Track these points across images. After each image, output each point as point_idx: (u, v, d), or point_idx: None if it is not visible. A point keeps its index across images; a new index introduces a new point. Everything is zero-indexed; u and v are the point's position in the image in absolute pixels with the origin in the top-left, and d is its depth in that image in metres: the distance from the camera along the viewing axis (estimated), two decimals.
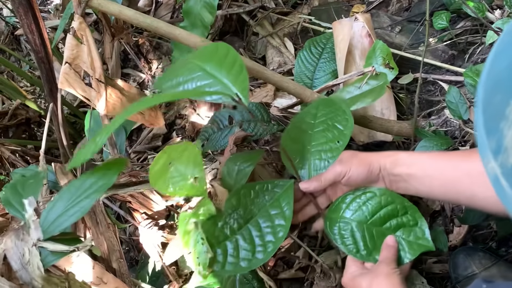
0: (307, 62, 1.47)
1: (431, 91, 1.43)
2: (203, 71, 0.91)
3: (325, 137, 1.01)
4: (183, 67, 0.95)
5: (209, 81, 0.89)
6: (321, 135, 1.02)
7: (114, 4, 1.16)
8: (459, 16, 1.49)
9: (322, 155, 1.00)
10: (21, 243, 0.84)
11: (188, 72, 0.92)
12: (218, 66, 0.89)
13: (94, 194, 0.86)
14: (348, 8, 1.75)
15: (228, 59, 0.90)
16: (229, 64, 0.89)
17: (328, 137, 1.01)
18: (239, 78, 0.86)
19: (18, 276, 0.82)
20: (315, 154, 1.01)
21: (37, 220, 0.85)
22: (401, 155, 0.88)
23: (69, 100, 2.20)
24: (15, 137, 2.06)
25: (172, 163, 1.04)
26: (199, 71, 0.91)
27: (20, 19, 1.26)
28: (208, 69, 0.90)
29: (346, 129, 0.99)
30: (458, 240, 1.18)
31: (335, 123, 1.01)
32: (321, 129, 1.03)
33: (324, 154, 1.00)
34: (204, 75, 0.90)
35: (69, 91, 1.17)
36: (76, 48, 1.18)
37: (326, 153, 1.00)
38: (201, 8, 1.52)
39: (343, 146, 0.97)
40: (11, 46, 2.68)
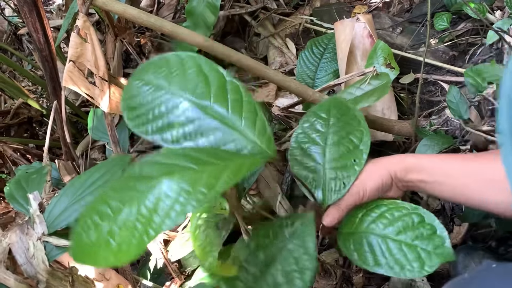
0: (309, 62, 1.48)
1: (432, 91, 1.44)
2: (206, 113, 0.75)
3: (338, 152, 0.92)
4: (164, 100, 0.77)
5: (222, 128, 0.75)
6: (335, 149, 0.92)
7: (118, 3, 1.17)
8: (460, 17, 1.50)
9: (338, 173, 0.90)
10: (25, 238, 0.84)
11: (179, 110, 0.75)
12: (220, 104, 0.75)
13: (98, 190, 0.87)
14: (349, 9, 1.77)
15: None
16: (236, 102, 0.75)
17: (342, 152, 0.91)
18: (265, 133, 0.74)
19: (23, 270, 0.83)
20: (329, 172, 0.91)
21: (41, 214, 0.86)
22: (409, 161, 0.86)
23: (71, 100, 2.21)
24: (17, 136, 2.07)
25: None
26: (200, 112, 0.75)
27: (25, 18, 1.27)
28: (212, 110, 0.75)
29: (362, 143, 0.90)
30: (458, 239, 1.18)
31: (350, 135, 0.91)
32: (335, 141, 0.93)
33: (340, 172, 0.90)
34: (210, 119, 0.75)
35: (73, 89, 1.18)
36: (80, 47, 1.19)
37: (341, 171, 0.90)
38: (204, 8, 1.54)
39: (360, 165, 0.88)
40: (13, 46, 2.69)
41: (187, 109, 0.75)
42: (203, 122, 0.75)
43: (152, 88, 0.78)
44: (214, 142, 0.74)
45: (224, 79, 0.76)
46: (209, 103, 0.75)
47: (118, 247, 0.51)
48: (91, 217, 0.54)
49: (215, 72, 0.76)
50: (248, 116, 0.75)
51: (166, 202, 0.54)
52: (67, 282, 0.86)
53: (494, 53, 1.36)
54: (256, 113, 0.75)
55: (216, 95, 0.75)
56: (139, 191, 0.56)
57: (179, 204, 0.54)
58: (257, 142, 0.74)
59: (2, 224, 0.93)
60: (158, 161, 0.62)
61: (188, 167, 0.60)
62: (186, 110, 0.75)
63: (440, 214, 1.27)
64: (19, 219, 0.93)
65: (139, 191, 0.56)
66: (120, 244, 0.52)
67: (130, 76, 0.81)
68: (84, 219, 0.54)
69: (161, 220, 0.53)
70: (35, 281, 0.83)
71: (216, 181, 0.57)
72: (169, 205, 0.54)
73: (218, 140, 0.74)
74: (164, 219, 0.53)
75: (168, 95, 0.77)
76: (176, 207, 0.54)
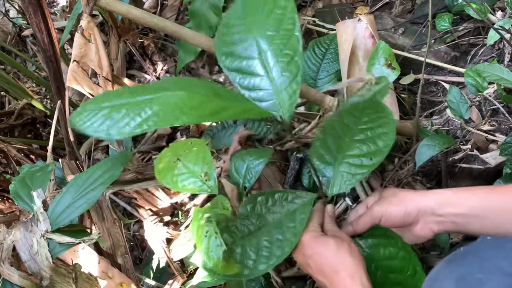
0: (311, 63, 1.49)
1: (433, 91, 1.45)
2: (259, 56, 0.94)
3: (359, 149, 0.92)
4: (240, 30, 0.96)
5: (263, 76, 0.92)
6: (357, 146, 0.93)
7: (122, 4, 1.18)
8: (461, 18, 1.50)
9: (351, 169, 0.92)
10: (29, 235, 0.85)
11: (245, 44, 0.95)
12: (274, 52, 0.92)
13: (100, 186, 0.88)
14: (352, 10, 1.77)
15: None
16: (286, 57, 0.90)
17: (363, 151, 0.92)
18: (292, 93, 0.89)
19: (27, 267, 0.84)
20: (344, 166, 0.94)
21: (45, 212, 0.87)
22: (446, 195, 0.82)
23: (75, 101, 2.23)
24: (21, 137, 2.08)
25: (179, 159, 1.06)
26: (256, 53, 0.94)
27: (29, 18, 1.28)
28: (265, 55, 0.93)
29: (385, 146, 0.89)
30: (460, 238, 1.19)
31: (376, 137, 0.91)
32: (360, 138, 0.93)
33: (354, 168, 0.92)
34: (259, 62, 0.93)
35: (77, 88, 1.19)
36: (84, 47, 1.20)
37: (355, 168, 0.92)
38: (207, 9, 1.55)
39: (375, 165, 0.89)
40: (17, 47, 2.71)
41: (250, 46, 0.91)
42: (255, 63, 0.91)
43: (241, 15, 0.95)
44: (253, 83, 0.91)
45: (292, 30, 0.89)
46: (267, 48, 0.90)
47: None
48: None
49: (291, 22, 0.90)
50: (288, 75, 0.88)
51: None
52: (70, 279, 0.87)
53: (495, 53, 1.37)
54: (296, 75, 0.87)
55: (277, 43, 0.89)
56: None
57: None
58: (282, 101, 0.88)
59: (6, 222, 0.94)
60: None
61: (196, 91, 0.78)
62: (248, 47, 0.91)
63: None
64: (23, 217, 0.94)
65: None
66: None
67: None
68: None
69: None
70: (39, 277, 0.83)
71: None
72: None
73: (256, 84, 0.90)
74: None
75: (244, 27, 0.93)
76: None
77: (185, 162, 1.07)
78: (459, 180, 1.24)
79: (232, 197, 1.11)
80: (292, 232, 0.87)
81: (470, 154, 1.18)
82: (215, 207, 0.97)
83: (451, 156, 1.23)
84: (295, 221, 0.88)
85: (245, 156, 1.12)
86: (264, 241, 0.87)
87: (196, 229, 0.88)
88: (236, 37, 0.92)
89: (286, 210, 0.91)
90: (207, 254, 0.84)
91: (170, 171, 1.07)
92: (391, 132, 0.89)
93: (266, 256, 0.85)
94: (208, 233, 0.86)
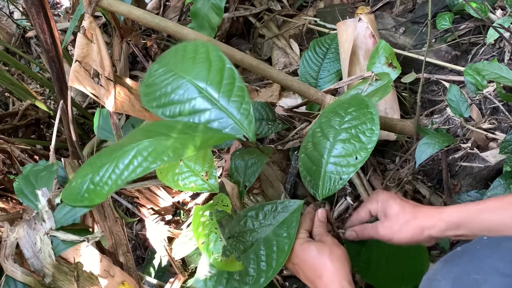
0: (312, 62, 1.50)
1: (434, 90, 1.45)
2: (200, 93, 0.89)
3: (345, 149, 0.93)
4: (171, 81, 0.92)
5: (211, 109, 0.88)
6: (342, 146, 0.94)
7: (123, 4, 1.19)
8: (462, 17, 1.50)
9: (338, 169, 0.93)
10: (33, 232, 0.86)
11: (180, 90, 0.90)
12: (216, 87, 0.89)
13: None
14: (353, 10, 1.78)
15: (224, 75, 0.89)
16: (228, 86, 0.88)
17: (348, 150, 0.92)
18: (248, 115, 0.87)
19: (30, 264, 0.85)
20: (331, 166, 0.94)
21: (50, 210, 0.88)
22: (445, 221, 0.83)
23: (78, 102, 2.24)
24: (25, 137, 2.09)
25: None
26: (196, 92, 0.89)
27: (32, 19, 1.29)
28: (206, 91, 0.89)
29: (370, 142, 0.90)
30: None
31: (360, 133, 0.92)
32: (344, 138, 0.94)
33: (340, 168, 0.92)
34: (202, 99, 0.89)
35: (79, 88, 1.20)
36: (86, 47, 1.21)
37: (342, 167, 0.92)
38: (209, 9, 1.55)
39: (361, 162, 0.90)
40: (21, 49, 2.73)
41: (187, 89, 0.89)
42: (198, 101, 0.89)
43: (164, 71, 0.94)
44: (204, 120, 0.88)
45: (224, 65, 0.89)
46: (205, 85, 0.89)
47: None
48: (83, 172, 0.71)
49: (219, 59, 0.90)
50: (236, 99, 0.87)
51: (139, 159, 0.69)
52: (72, 276, 0.88)
53: (496, 52, 1.37)
54: (244, 97, 0.87)
55: (213, 79, 0.88)
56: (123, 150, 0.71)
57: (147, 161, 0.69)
58: (239, 122, 0.87)
59: (10, 220, 0.95)
60: (147, 128, 0.79)
61: (166, 133, 0.74)
62: (186, 91, 0.89)
63: None
64: (26, 215, 0.95)
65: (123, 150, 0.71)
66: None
67: (154, 59, 1.00)
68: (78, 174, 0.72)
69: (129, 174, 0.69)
70: (41, 274, 0.84)
71: (182, 147, 0.71)
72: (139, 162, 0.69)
73: (208, 118, 0.88)
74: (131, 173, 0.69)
75: (174, 77, 0.92)
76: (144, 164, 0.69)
77: (186, 161, 1.08)
78: (459, 179, 1.24)
79: (233, 196, 1.12)
80: (286, 242, 0.89)
81: (470, 153, 1.18)
82: (215, 204, 0.98)
83: (451, 154, 1.23)
84: (288, 231, 0.91)
85: (245, 155, 1.13)
86: (261, 256, 0.89)
87: (197, 226, 0.89)
88: (168, 89, 0.91)
89: (277, 221, 0.93)
90: (207, 249, 0.85)
91: (172, 170, 1.08)
92: (376, 127, 0.90)
93: (264, 270, 0.87)
94: (208, 229, 0.87)
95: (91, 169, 0.70)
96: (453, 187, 1.25)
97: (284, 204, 0.95)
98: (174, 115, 0.89)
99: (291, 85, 1.23)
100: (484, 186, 1.21)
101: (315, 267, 0.85)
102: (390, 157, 1.44)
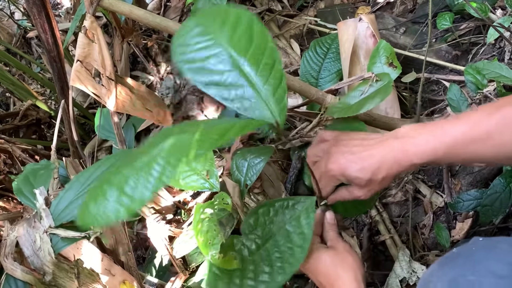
0: (312, 62, 1.50)
1: (434, 90, 1.45)
2: (236, 69, 0.81)
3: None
4: (206, 45, 0.83)
5: (245, 86, 0.80)
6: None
7: (124, 4, 1.19)
8: (462, 17, 1.51)
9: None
10: (32, 230, 0.87)
11: (216, 59, 0.81)
12: (253, 64, 0.81)
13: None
14: (353, 10, 1.78)
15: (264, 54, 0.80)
16: (267, 66, 0.80)
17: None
18: (281, 99, 0.80)
19: (30, 262, 0.85)
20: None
21: (47, 208, 0.88)
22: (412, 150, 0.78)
23: (79, 102, 2.24)
24: (26, 137, 2.10)
25: None
26: (232, 66, 0.81)
27: (34, 19, 1.30)
28: (243, 67, 0.81)
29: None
30: (461, 236, 1.19)
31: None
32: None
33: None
34: (238, 75, 0.81)
35: (80, 88, 1.20)
36: (88, 47, 1.21)
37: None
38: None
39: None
40: (22, 49, 2.73)
41: (223, 60, 0.81)
42: (232, 75, 0.81)
43: (201, 31, 0.84)
44: (237, 95, 0.81)
45: (266, 42, 0.81)
46: (244, 61, 0.81)
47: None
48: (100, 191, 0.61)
49: (262, 34, 0.81)
50: (272, 82, 0.80)
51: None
52: (73, 274, 0.88)
53: (496, 52, 1.37)
54: (281, 81, 0.80)
55: (252, 55, 0.81)
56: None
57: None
58: (271, 106, 0.80)
59: (10, 219, 0.95)
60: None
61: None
62: (222, 61, 0.81)
63: (443, 212, 1.28)
64: (26, 214, 0.96)
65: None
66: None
67: (189, 15, 0.88)
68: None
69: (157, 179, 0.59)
70: (42, 272, 0.85)
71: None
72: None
73: (241, 94, 0.81)
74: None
75: (211, 42, 0.82)
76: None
77: None
78: (460, 178, 1.24)
79: (234, 195, 1.12)
80: (301, 238, 0.86)
81: None
82: (216, 203, 0.99)
83: None
84: (301, 227, 0.88)
85: (246, 154, 1.14)
86: (275, 252, 0.86)
87: (196, 223, 0.89)
88: (203, 54, 0.83)
89: (289, 217, 0.91)
90: (206, 246, 0.85)
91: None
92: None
93: (281, 266, 0.83)
94: (207, 226, 0.87)
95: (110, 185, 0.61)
96: (454, 186, 1.25)
97: (295, 200, 0.92)
98: (209, 83, 0.81)
99: (292, 85, 1.23)
100: (484, 185, 1.21)
101: (328, 275, 0.85)
102: None
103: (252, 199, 1.34)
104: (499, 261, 0.64)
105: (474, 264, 0.66)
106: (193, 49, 0.83)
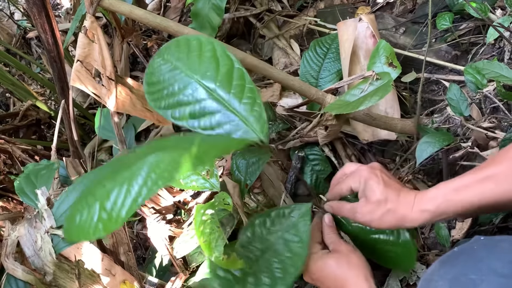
0: (312, 62, 1.50)
1: (434, 90, 1.45)
2: (210, 95, 0.82)
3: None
4: (177, 79, 0.84)
5: (222, 111, 0.81)
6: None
7: (124, 4, 1.20)
8: (462, 17, 1.51)
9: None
10: (33, 231, 0.87)
11: (189, 90, 0.83)
12: (224, 87, 0.81)
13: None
14: (353, 10, 1.78)
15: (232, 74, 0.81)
16: (238, 87, 0.81)
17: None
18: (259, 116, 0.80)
19: (31, 262, 0.85)
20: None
21: (49, 208, 0.88)
22: (430, 210, 0.81)
23: (79, 102, 2.24)
24: (26, 138, 2.10)
25: None
26: (205, 93, 0.82)
27: (34, 19, 1.30)
28: (214, 91, 0.82)
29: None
30: (461, 235, 1.19)
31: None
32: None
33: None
34: (212, 100, 0.82)
35: (80, 88, 1.21)
36: (88, 47, 1.21)
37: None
38: (209, 10, 1.56)
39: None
40: (22, 50, 2.73)
41: (195, 90, 0.82)
42: (207, 103, 0.82)
43: (170, 67, 0.86)
44: (215, 122, 0.82)
45: (232, 65, 0.82)
46: (214, 86, 0.82)
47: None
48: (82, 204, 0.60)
49: (227, 58, 0.83)
50: (248, 101, 0.81)
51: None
52: (73, 274, 0.88)
53: (496, 51, 1.37)
54: (255, 99, 0.81)
55: (222, 79, 0.82)
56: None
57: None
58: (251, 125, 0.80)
59: (11, 219, 0.95)
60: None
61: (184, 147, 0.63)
62: (194, 91, 0.82)
63: None
64: (27, 214, 0.96)
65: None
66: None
67: (155, 53, 0.90)
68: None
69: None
70: (42, 272, 0.85)
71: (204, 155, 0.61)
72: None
73: (219, 120, 0.81)
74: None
75: (182, 75, 0.84)
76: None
77: None
78: None
79: (234, 195, 1.12)
80: (299, 246, 0.87)
81: (471, 152, 1.18)
82: (217, 203, 0.99)
83: (451, 153, 1.23)
84: (299, 235, 0.88)
85: (246, 154, 1.14)
86: (274, 263, 0.86)
87: (198, 224, 0.89)
88: (175, 88, 0.83)
89: (286, 226, 0.91)
90: (209, 248, 0.85)
91: None
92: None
93: (281, 277, 0.84)
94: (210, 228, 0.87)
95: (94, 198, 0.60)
96: None
97: (290, 208, 0.93)
98: (183, 117, 0.83)
99: (292, 85, 1.24)
100: None
101: (336, 279, 0.85)
102: (391, 156, 1.45)
103: (252, 199, 1.35)
104: (500, 259, 0.64)
105: (475, 263, 0.66)
106: (167, 85, 0.85)
